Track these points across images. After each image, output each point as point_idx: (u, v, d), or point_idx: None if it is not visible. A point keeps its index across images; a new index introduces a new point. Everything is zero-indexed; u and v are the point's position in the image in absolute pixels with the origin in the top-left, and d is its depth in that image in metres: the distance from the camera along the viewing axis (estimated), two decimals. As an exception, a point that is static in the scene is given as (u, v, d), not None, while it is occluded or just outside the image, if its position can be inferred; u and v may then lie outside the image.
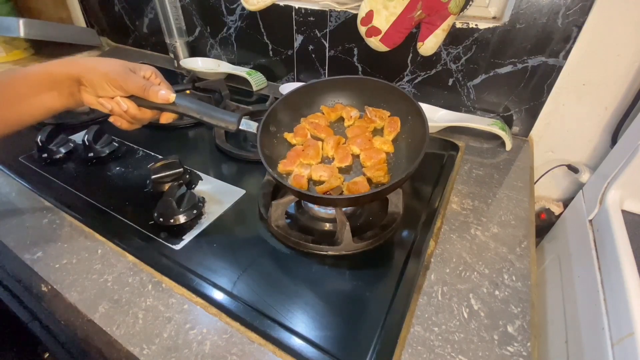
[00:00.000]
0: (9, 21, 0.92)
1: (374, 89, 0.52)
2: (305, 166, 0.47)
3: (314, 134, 0.51)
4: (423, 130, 0.44)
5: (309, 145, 0.48)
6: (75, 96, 0.42)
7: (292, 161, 0.47)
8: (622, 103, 0.62)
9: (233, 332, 0.35)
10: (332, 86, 0.54)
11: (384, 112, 0.51)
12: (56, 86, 0.40)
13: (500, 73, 0.67)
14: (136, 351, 0.33)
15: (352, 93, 0.54)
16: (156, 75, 0.45)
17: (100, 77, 0.40)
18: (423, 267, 0.42)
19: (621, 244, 0.46)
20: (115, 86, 0.41)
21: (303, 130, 0.50)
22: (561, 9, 0.57)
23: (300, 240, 0.44)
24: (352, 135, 0.50)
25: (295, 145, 0.50)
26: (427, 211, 0.52)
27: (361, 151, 0.48)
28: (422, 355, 0.34)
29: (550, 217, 0.73)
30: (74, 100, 0.42)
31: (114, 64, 0.42)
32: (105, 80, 0.40)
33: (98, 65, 0.41)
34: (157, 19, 0.95)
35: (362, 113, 0.52)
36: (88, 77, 0.40)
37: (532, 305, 0.38)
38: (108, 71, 0.41)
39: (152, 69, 0.45)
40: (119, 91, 0.42)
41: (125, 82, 0.41)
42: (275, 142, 0.50)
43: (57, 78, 0.40)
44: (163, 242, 0.45)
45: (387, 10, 0.61)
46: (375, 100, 0.52)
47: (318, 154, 0.48)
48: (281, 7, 0.80)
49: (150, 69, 0.44)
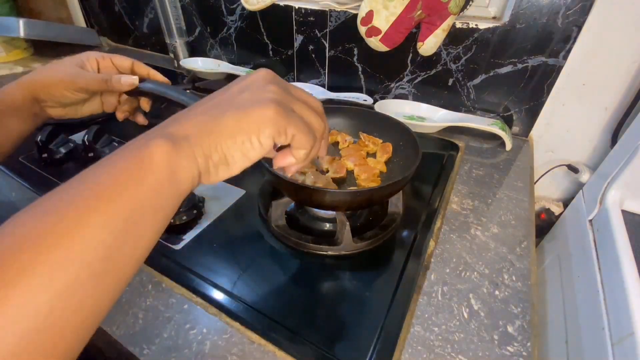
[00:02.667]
0: (9, 21, 0.92)
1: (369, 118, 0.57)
2: (300, 172, 0.49)
3: None
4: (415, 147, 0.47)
5: None
6: (40, 115, 0.41)
7: None
8: (622, 103, 0.62)
9: (233, 332, 0.35)
10: (329, 112, 0.56)
11: (376, 139, 0.55)
12: (16, 112, 0.38)
13: (500, 73, 0.67)
14: (136, 351, 0.33)
15: (347, 121, 0.58)
16: (103, 58, 0.43)
17: (56, 87, 0.39)
18: (423, 267, 0.42)
19: (621, 244, 0.46)
20: (76, 89, 0.39)
21: None
22: (561, 9, 0.57)
23: (300, 240, 0.44)
24: (346, 155, 0.53)
25: None
26: (427, 211, 0.52)
27: (355, 166, 0.51)
28: (422, 355, 0.34)
29: (550, 217, 0.73)
30: (40, 119, 0.41)
31: (64, 67, 0.40)
32: (63, 87, 0.39)
33: (51, 76, 0.39)
34: (157, 19, 0.95)
35: (356, 140, 0.56)
36: (45, 93, 0.38)
37: (532, 305, 0.38)
38: (61, 78, 0.39)
39: (94, 55, 0.43)
40: (80, 93, 0.40)
41: (84, 82, 0.39)
42: None
43: (15, 103, 0.38)
44: (163, 242, 0.45)
45: (387, 10, 0.61)
46: (369, 128, 0.57)
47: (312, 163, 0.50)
48: (281, 7, 0.80)
49: (93, 56, 0.43)
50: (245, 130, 0.23)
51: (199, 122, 0.23)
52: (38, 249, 0.16)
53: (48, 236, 0.16)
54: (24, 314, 0.15)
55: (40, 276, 0.16)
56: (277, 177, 0.40)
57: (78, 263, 0.17)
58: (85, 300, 0.17)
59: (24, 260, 0.16)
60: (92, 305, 0.18)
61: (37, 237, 0.16)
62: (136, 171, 0.20)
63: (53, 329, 0.16)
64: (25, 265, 0.16)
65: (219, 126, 0.23)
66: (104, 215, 0.18)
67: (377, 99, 0.80)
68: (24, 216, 0.18)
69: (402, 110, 0.76)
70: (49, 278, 0.16)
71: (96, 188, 0.18)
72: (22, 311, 0.15)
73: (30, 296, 0.15)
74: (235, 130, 0.23)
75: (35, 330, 0.15)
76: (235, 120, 0.23)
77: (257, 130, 0.23)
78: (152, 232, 0.21)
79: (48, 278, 0.16)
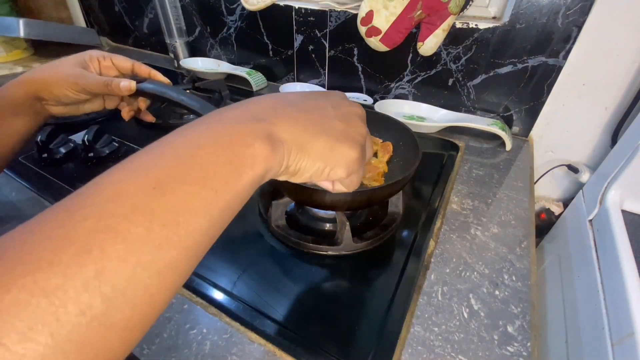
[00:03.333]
0: (9, 21, 0.92)
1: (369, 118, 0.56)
2: None
3: None
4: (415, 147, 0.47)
5: None
6: (42, 113, 0.41)
7: None
8: (622, 103, 0.62)
9: (233, 332, 0.35)
10: None
11: (376, 138, 0.55)
12: (18, 110, 0.38)
13: (500, 73, 0.67)
14: (136, 351, 0.33)
15: None
16: (104, 57, 0.44)
17: (58, 87, 0.38)
18: (423, 267, 0.42)
19: (621, 244, 0.46)
20: (77, 90, 0.39)
21: None
22: (561, 9, 0.57)
23: (300, 240, 0.44)
24: None
25: None
26: (427, 211, 0.52)
27: None
28: (422, 355, 0.34)
29: (550, 217, 0.73)
30: (42, 117, 0.41)
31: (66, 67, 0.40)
32: (65, 87, 0.39)
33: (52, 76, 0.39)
34: (157, 19, 0.95)
35: None
36: (46, 92, 0.38)
37: (532, 305, 0.38)
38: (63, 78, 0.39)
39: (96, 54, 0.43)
40: (82, 94, 0.40)
41: (87, 84, 0.39)
42: None
43: (16, 101, 0.38)
44: (163, 242, 0.45)
45: (387, 10, 0.61)
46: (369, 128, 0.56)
47: None
48: (281, 7, 0.80)
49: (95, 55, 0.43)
50: (327, 160, 0.24)
51: (297, 131, 0.24)
52: (151, 225, 0.16)
53: (159, 213, 0.17)
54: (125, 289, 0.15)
55: (149, 253, 0.16)
56: None
57: (179, 245, 0.17)
58: (177, 281, 0.18)
59: (137, 235, 0.16)
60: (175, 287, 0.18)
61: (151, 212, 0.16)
62: (239, 167, 0.20)
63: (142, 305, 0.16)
64: (138, 239, 0.16)
65: (310, 145, 0.24)
66: (205, 203, 0.18)
67: (377, 99, 0.80)
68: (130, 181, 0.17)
69: (402, 110, 0.76)
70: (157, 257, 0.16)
71: (202, 173, 0.19)
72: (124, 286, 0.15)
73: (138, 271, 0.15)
74: (320, 156, 0.24)
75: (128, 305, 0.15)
76: (323, 148, 0.24)
77: (335, 165, 0.25)
78: (231, 219, 0.22)
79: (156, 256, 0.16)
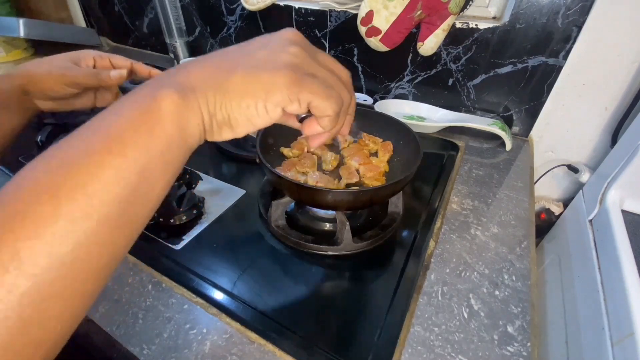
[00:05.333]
0: (9, 21, 0.92)
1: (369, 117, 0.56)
2: (301, 173, 0.49)
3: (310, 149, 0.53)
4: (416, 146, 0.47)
5: (305, 156, 0.51)
6: (30, 108, 0.40)
7: (288, 168, 0.49)
8: (622, 103, 0.62)
9: (233, 332, 0.35)
10: None
11: (376, 138, 0.55)
12: (5, 104, 0.37)
13: (500, 73, 0.67)
14: (136, 351, 0.33)
15: None
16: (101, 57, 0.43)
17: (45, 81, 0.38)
18: (423, 267, 0.42)
19: (621, 244, 0.46)
20: (65, 83, 0.39)
21: (300, 145, 0.53)
22: (561, 9, 0.57)
23: (300, 240, 0.44)
24: (349, 154, 0.53)
25: (292, 157, 0.53)
26: (427, 211, 0.52)
27: (360, 165, 0.51)
28: (422, 355, 0.34)
29: (550, 217, 0.73)
30: (30, 113, 0.40)
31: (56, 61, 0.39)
32: (52, 81, 0.38)
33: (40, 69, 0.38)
34: (157, 19, 0.95)
35: (356, 140, 0.56)
36: (33, 86, 0.38)
37: (532, 305, 0.38)
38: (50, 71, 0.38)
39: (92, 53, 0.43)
40: (70, 88, 0.39)
41: (75, 77, 0.39)
42: (272, 153, 0.52)
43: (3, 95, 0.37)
44: (163, 242, 0.45)
45: (387, 10, 0.61)
46: (369, 128, 0.56)
47: (314, 164, 0.50)
48: (281, 7, 0.80)
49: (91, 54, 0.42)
50: (252, 94, 0.21)
51: (208, 73, 0.21)
52: (58, 201, 0.16)
53: (66, 188, 0.17)
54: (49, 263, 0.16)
55: (63, 227, 0.16)
56: (278, 177, 0.40)
57: (96, 216, 0.17)
58: (103, 250, 0.18)
59: (45, 213, 0.16)
60: (110, 254, 0.18)
61: (57, 189, 0.16)
62: (145, 124, 0.19)
63: (74, 275, 0.17)
64: (47, 217, 0.16)
65: (226, 84, 0.21)
66: (117, 170, 0.18)
67: (377, 99, 0.80)
68: (39, 167, 0.17)
69: (402, 110, 0.76)
70: (72, 229, 0.16)
71: (107, 140, 0.18)
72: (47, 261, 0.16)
73: (55, 246, 0.16)
74: (242, 92, 0.21)
75: (59, 278, 0.16)
76: (243, 82, 0.21)
77: (265, 97, 0.21)
78: (161, 186, 0.20)
79: (71, 229, 0.16)
